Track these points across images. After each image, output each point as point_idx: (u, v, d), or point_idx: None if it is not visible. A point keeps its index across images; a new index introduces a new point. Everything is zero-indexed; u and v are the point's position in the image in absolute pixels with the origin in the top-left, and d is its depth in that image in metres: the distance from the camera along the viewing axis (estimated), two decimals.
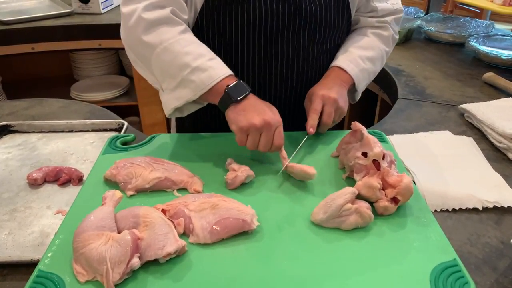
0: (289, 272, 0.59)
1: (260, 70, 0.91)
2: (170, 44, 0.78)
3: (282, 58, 0.90)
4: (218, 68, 0.78)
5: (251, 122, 0.74)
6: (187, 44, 0.78)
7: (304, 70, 0.94)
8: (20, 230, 0.72)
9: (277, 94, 0.95)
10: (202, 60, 0.77)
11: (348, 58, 0.93)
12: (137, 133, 0.99)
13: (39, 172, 0.84)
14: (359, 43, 0.96)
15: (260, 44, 0.88)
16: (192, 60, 0.77)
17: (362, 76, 0.94)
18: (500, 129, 0.96)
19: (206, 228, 0.64)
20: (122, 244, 0.58)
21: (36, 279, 0.57)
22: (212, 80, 0.76)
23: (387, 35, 0.99)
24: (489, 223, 0.75)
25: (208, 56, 0.79)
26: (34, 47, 1.78)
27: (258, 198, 0.74)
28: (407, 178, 0.68)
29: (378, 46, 0.97)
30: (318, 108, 0.86)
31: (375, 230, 0.67)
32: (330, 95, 0.86)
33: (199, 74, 0.77)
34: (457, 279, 0.58)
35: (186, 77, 0.77)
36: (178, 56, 0.77)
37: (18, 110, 1.13)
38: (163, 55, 0.78)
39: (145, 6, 0.79)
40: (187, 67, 0.77)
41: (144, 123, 2.05)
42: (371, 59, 0.95)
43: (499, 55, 1.39)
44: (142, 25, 0.78)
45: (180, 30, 0.80)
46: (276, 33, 0.87)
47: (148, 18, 0.78)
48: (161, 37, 0.78)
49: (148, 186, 0.74)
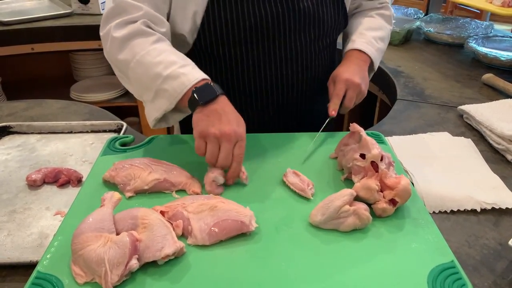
0: (287, 274, 0.60)
1: (266, 73, 0.92)
2: (142, 56, 0.77)
3: (286, 59, 0.92)
4: (189, 74, 0.76)
5: (208, 130, 0.71)
6: (158, 54, 0.77)
7: (308, 68, 0.96)
8: (19, 232, 0.72)
9: (284, 95, 0.97)
10: (173, 68, 0.76)
11: (364, 40, 0.98)
12: (136, 134, 1.00)
13: (38, 173, 0.84)
14: (369, 24, 1.01)
15: (263, 47, 0.89)
16: (163, 69, 0.75)
17: (378, 56, 1.00)
18: (499, 130, 0.96)
19: (204, 230, 0.65)
20: (121, 245, 0.58)
21: (35, 281, 0.57)
22: (184, 87, 0.74)
23: (389, 14, 1.06)
24: (487, 224, 0.75)
25: (180, 63, 0.77)
26: (33, 47, 1.79)
27: (257, 200, 0.74)
28: (405, 180, 0.68)
29: (385, 25, 1.04)
30: (341, 93, 0.89)
31: (373, 231, 0.67)
32: (354, 80, 0.90)
33: (171, 83, 0.75)
34: (455, 280, 0.59)
35: (160, 87, 0.76)
36: (150, 67, 0.76)
37: (18, 111, 1.14)
38: (137, 68, 0.78)
39: (115, 24, 0.79)
40: (159, 77, 0.76)
41: (143, 124, 2.05)
42: (382, 39, 1.02)
43: (498, 56, 1.39)
44: (115, 45, 0.79)
45: (152, 40, 0.79)
46: (278, 35, 0.88)
47: (119, 36, 0.79)
48: (134, 51, 0.78)
49: (147, 187, 0.74)
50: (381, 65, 1.44)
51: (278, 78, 0.94)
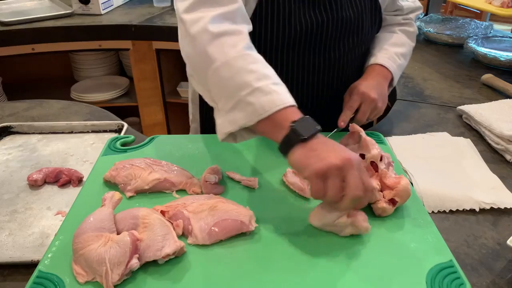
0: (286, 273, 0.60)
1: (301, 79, 0.92)
2: (233, 58, 0.67)
3: (322, 67, 0.92)
4: (282, 94, 0.65)
5: (328, 162, 0.58)
6: (253, 61, 0.68)
7: (343, 76, 0.96)
8: (21, 231, 0.73)
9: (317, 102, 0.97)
10: (267, 82, 0.65)
11: (386, 56, 0.97)
12: (136, 135, 1.00)
13: (39, 173, 0.85)
14: (392, 40, 1.00)
15: (303, 54, 0.89)
16: (254, 80, 0.65)
17: (399, 72, 1.00)
18: (498, 130, 0.96)
19: (204, 230, 0.65)
20: (121, 245, 0.58)
21: (36, 280, 0.58)
22: (274, 106, 0.63)
23: (413, 31, 1.05)
24: (486, 224, 0.75)
25: (274, 79, 0.67)
26: (34, 48, 1.79)
27: (257, 200, 0.74)
28: (404, 180, 0.68)
29: (407, 42, 1.03)
30: (354, 106, 0.88)
31: (372, 231, 0.67)
32: (370, 95, 0.88)
33: (259, 97, 0.64)
34: (453, 280, 0.59)
35: (244, 98, 0.65)
36: (240, 73, 0.66)
37: (19, 111, 1.14)
38: (223, 70, 0.67)
39: (213, 17, 0.69)
40: (248, 86, 0.65)
41: (144, 124, 2.06)
42: (404, 55, 1.00)
43: (497, 56, 1.40)
44: (206, 36, 0.69)
45: (247, 45, 0.70)
46: (319, 43, 0.89)
47: (215, 32, 0.68)
48: (224, 50, 0.68)
49: (147, 187, 0.75)
50: None
51: (314, 85, 0.94)
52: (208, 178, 0.74)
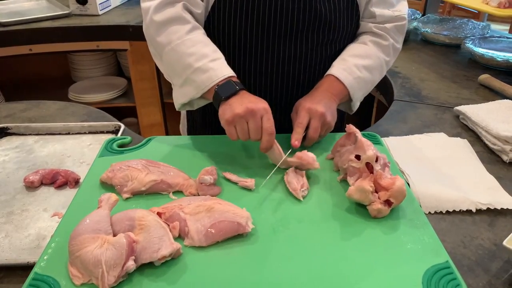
0: (283, 275, 0.60)
1: (267, 69, 0.93)
2: (177, 45, 0.83)
3: (290, 57, 0.92)
4: (218, 69, 0.81)
5: (234, 112, 0.76)
6: (192, 45, 0.82)
7: (311, 71, 0.95)
8: (17, 233, 0.73)
9: (282, 93, 0.97)
10: (204, 61, 0.81)
11: (342, 67, 0.91)
12: (133, 136, 1.00)
13: (36, 174, 0.85)
14: (355, 51, 0.94)
15: (269, 42, 0.89)
16: (194, 61, 0.81)
17: (358, 86, 0.91)
18: (495, 131, 0.96)
19: (201, 231, 0.65)
20: (118, 247, 0.58)
21: (32, 282, 0.58)
22: (211, 81, 0.80)
23: (387, 44, 0.95)
24: (482, 225, 0.75)
25: (211, 56, 0.82)
26: (32, 48, 1.79)
27: (253, 201, 0.74)
28: (400, 181, 0.68)
29: (376, 55, 0.94)
30: (304, 122, 0.84)
31: (368, 232, 0.68)
32: (318, 109, 0.84)
33: (200, 75, 0.81)
34: (449, 281, 0.59)
35: (189, 77, 0.83)
36: (183, 57, 0.82)
37: (15, 112, 1.14)
38: (170, 54, 0.84)
39: (156, 5, 0.84)
40: (190, 67, 0.82)
41: (142, 124, 2.06)
42: (367, 68, 0.92)
43: (494, 57, 1.40)
44: (153, 27, 0.85)
45: (187, 29, 0.84)
46: (285, 31, 0.88)
47: (158, 20, 0.84)
48: (170, 37, 0.83)
49: (144, 189, 0.75)
50: None
51: (279, 76, 0.94)
52: (202, 180, 0.74)
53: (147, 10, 0.86)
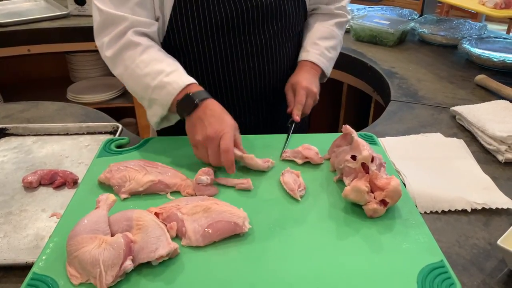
0: (280, 275, 0.61)
1: (234, 67, 0.96)
2: (132, 70, 0.85)
3: (252, 52, 0.96)
4: (174, 82, 0.82)
5: (195, 139, 0.80)
6: (145, 66, 0.84)
7: (274, 59, 1.01)
8: (15, 233, 0.73)
9: (252, 88, 1.01)
10: (159, 78, 0.82)
11: (317, 52, 1.04)
12: (131, 136, 1.00)
13: (34, 175, 0.85)
14: (323, 34, 1.07)
15: (229, 42, 0.93)
16: (151, 80, 0.83)
17: (329, 64, 1.08)
18: (490, 131, 0.97)
19: (198, 231, 0.66)
20: (115, 247, 0.59)
21: (31, 282, 0.58)
22: (170, 96, 0.82)
23: (344, 21, 1.11)
24: (477, 224, 0.76)
25: (166, 71, 0.83)
26: (30, 49, 1.79)
27: (250, 201, 0.75)
28: (395, 181, 0.69)
29: (337, 33, 1.09)
30: (303, 99, 0.96)
31: (364, 232, 0.68)
32: (313, 89, 0.98)
33: (159, 92, 0.83)
34: (444, 280, 0.60)
35: (151, 97, 0.84)
36: (140, 79, 0.84)
37: (14, 113, 1.14)
38: (129, 81, 0.87)
39: (108, 41, 0.85)
40: (149, 87, 0.83)
41: (140, 125, 2.06)
42: (334, 47, 1.08)
43: (491, 57, 1.41)
44: (108, 62, 0.88)
45: (139, 51, 0.85)
46: (243, 29, 0.93)
47: (110, 56, 0.86)
48: (125, 65, 0.85)
49: (141, 189, 0.75)
50: (375, 66, 1.45)
51: (246, 72, 0.98)
52: (199, 180, 0.75)
53: (101, 48, 0.87)
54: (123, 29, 0.85)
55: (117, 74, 0.88)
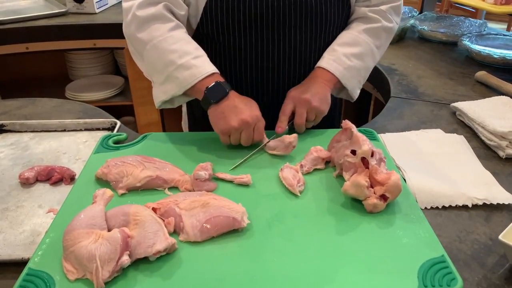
0: (278, 269, 0.60)
1: (263, 64, 0.93)
2: (159, 41, 0.83)
3: (285, 52, 0.92)
4: (201, 66, 0.82)
5: (230, 125, 0.80)
6: (174, 42, 0.83)
7: (307, 63, 0.96)
8: (12, 229, 0.72)
9: (279, 89, 0.97)
10: (187, 58, 0.82)
11: (332, 58, 0.93)
12: (129, 132, 1.00)
13: (31, 171, 0.84)
14: (344, 39, 0.95)
15: (263, 38, 0.90)
16: (177, 58, 0.82)
17: (350, 74, 0.93)
18: (491, 127, 0.96)
19: (196, 226, 0.65)
20: (112, 242, 0.58)
21: (26, 277, 0.58)
22: (194, 78, 0.81)
23: (377, 26, 0.96)
24: (478, 220, 0.75)
25: (194, 54, 0.83)
26: (28, 46, 1.78)
27: (249, 196, 0.74)
28: (395, 175, 0.68)
29: (365, 41, 0.95)
30: (286, 110, 0.89)
31: (364, 227, 0.68)
32: (302, 96, 0.88)
33: (182, 72, 0.81)
34: (445, 275, 0.59)
35: (172, 74, 0.83)
36: (165, 54, 0.82)
37: (11, 109, 1.13)
38: (152, 51, 0.84)
39: (139, 3, 0.84)
40: (173, 64, 0.82)
41: (139, 123, 2.05)
42: (357, 56, 0.94)
43: (491, 54, 1.40)
44: (135, 23, 0.85)
45: (170, 27, 0.84)
46: (278, 27, 0.89)
47: (141, 16, 0.84)
48: (152, 34, 0.83)
49: (139, 184, 0.75)
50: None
51: (275, 70, 0.94)
52: (198, 176, 0.74)
53: (129, 8, 0.86)
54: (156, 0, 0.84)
55: (140, 38, 0.84)
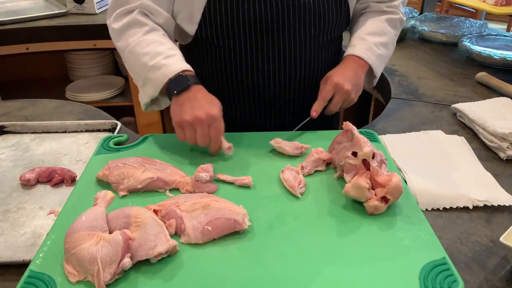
0: (279, 272, 0.60)
1: (264, 67, 0.94)
2: (133, 46, 0.86)
3: (285, 53, 0.93)
4: (171, 65, 0.83)
5: (182, 118, 0.79)
6: (146, 45, 0.85)
7: (307, 63, 0.96)
8: (13, 231, 0.72)
9: (281, 90, 0.97)
10: (158, 59, 0.83)
11: (364, 47, 0.96)
12: (130, 134, 1.00)
13: (32, 172, 0.84)
14: (372, 29, 0.99)
15: (262, 41, 0.91)
16: (149, 60, 0.84)
17: (379, 62, 0.99)
18: (492, 128, 0.96)
19: (197, 228, 0.65)
20: (113, 244, 0.58)
21: (28, 280, 0.57)
22: (165, 77, 0.82)
23: (397, 18, 1.02)
24: (479, 221, 0.75)
25: (165, 54, 0.84)
26: (28, 47, 1.78)
27: (250, 198, 0.74)
28: (396, 177, 0.68)
29: (389, 31, 1.01)
30: (327, 96, 0.91)
31: (365, 229, 0.68)
32: (344, 86, 0.90)
33: (155, 72, 0.83)
34: (446, 277, 0.59)
35: (147, 76, 0.85)
36: (139, 57, 0.85)
37: (12, 110, 1.13)
38: (129, 57, 0.88)
39: (115, 15, 0.89)
40: (145, 66, 0.84)
41: (139, 124, 2.05)
42: (384, 45, 0.99)
43: (491, 54, 1.40)
44: (113, 35, 0.90)
45: (144, 31, 0.87)
46: (277, 29, 0.90)
47: (116, 28, 0.88)
48: (127, 41, 0.87)
49: (140, 186, 0.75)
50: None
51: (276, 73, 0.95)
52: (198, 177, 0.74)
53: (110, 22, 0.90)
54: (132, 8, 0.87)
55: (118, 46, 0.89)
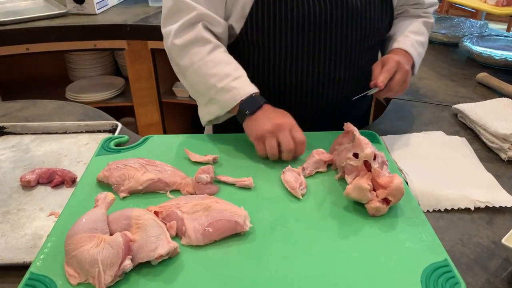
0: (281, 273, 0.60)
1: (308, 68, 0.94)
2: (199, 66, 0.86)
3: (330, 55, 0.93)
4: (241, 88, 0.84)
5: (263, 128, 0.80)
6: (214, 66, 0.85)
7: (351, 66, 0.97)
8: (13, 233, 0.72)
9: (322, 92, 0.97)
10: (227, 81, 0.84)
11: (409, 42, 0.98)
12: (131, 135, 0.99)
13: (32, 174, 0.84)
14: (413, 28, 1.02)
15: (308, 42, 0.91)
16: (217, 81, 0.84)
17: (419, 60, 1.01)
18: (493, 129, 0.96)
19: (198, 230, 0.65)
20: (114, 246, 0.58)
21: (28, 282, 0.57)
22: (234, 101, 0.83)
23: (431, 22, 1.08)
24: (481, 223, 0.75)
25: (233, 75, 0.85)
26: (28, 47, 1.78)
27: (251, 199, 0.74)
28: (398, 179, 0.68)
29: (425, 32, 1.05)
30: (392, 69, 0.89)
31: (366, 230, 0.67)
32: (405, 66, 0.91)
33: (224, 95, 0.84)
34: (448, 279, 0.59)
35: (214, 96, 0.86)
36: (206, 78, 0.85)
37: (12, 111, 1.13)
38: (194, 76, 0.88)
39: (176, 29, 0.86)
40: (214, 88, 0.85)
41: (139, 124, 2.05)
42: (423, 44, 1.03)
43: (492, 55, 1.40)
44: (175, 51, 0.88)
45: (208, 50, 0.86)
46: (324, 30, 0.90)
47: (179, 44, 0.87)
48: (192, 60, 0.86)
49: (141, 187, 0.74)
50: None
51: (320, 74, 0.95)
52: (199, 179, 0.74)
53: (168, 34, 0.88)
54: (192, 19, 0.86)
55: (181, 64, 0.88)
